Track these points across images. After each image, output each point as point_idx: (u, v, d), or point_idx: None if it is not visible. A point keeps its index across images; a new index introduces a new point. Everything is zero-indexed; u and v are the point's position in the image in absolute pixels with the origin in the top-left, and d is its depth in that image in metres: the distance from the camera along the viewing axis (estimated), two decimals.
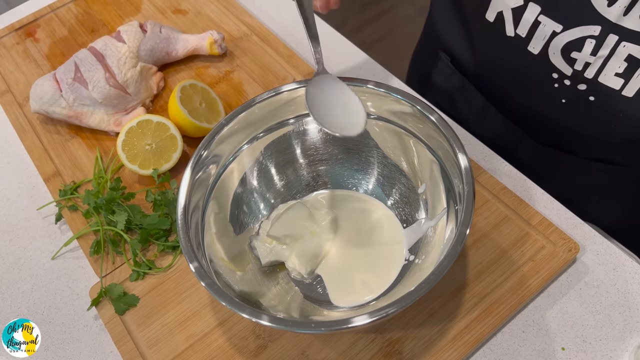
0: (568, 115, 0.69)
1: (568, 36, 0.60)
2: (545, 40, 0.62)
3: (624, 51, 0.57)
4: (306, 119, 0.66)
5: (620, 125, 0.66)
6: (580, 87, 0.64)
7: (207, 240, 0.58)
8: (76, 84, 0.76)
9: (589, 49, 0.59)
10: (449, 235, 0.55)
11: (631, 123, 0.64)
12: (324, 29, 0.90)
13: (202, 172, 0.59)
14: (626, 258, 0.62)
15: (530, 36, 0.64)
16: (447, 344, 0.57)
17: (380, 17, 2.20)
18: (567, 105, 0.67)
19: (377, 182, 0.66)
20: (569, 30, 0.60)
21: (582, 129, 0.69)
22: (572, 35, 0.60)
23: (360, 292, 0.60)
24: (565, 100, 0.67)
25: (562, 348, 0.57)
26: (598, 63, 0.60)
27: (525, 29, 0.64)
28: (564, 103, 0.67)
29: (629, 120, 0.64)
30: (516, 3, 0.63)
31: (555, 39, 0.61)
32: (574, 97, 0.66)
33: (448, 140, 0.56)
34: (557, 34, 0.61)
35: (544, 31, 0.62)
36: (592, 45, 0.59)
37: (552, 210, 0.67)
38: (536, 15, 0.62)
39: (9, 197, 0.76)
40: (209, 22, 0.91)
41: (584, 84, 0.63)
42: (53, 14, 0.96)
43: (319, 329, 0.48)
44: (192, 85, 0.76)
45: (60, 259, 0.69)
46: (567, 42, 0.61)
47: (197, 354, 0.59)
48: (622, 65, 0.59)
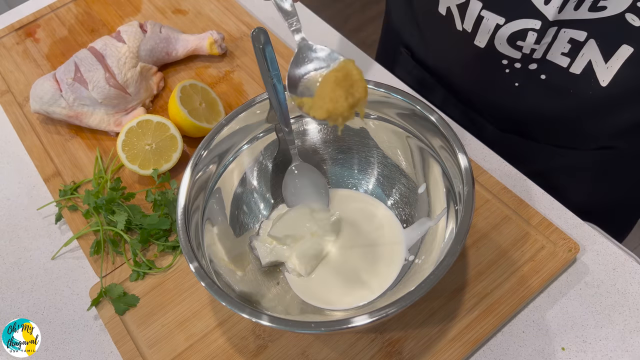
0: (523, 99, 0.72)
1: (511, 28, 0.63)
2: (490, 33, 0.66)
3: (565, 36, 0.61)
4: (306, 118, 0.66)
5: (573, 104, 0.68)
6: (531, 67, 0.67)
7: (207, 241, 0.58)
8: (76, 84, 0.76)
9: (532, 40, 0.63)
10: (449, 235, 0.55)
11: (582, 101, 0.67)
12: (324, 29, 0.90)
13: (202, 172, 0.59)
14: (626, 258, 0.62)
15: (475, 30, 0.67)
16: (447, 344, 0.57)
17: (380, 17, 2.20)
18: (521, 88, 0.70)
19: (377, 182, 0.66)
20: (512, 22, 0.63)
21: (538, 111, 0.72)
22: (515, 26, 0.63)
23: (360, 292, 0.60)
24: (519, 84, 0.70)
25: (562, 348, 0.57)
26: (543, 47, 0.64)
27: (470, 24, 0.67)
28: (517, 87, 0.70)
29: (580, 98, 0.67)
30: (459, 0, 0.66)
31: (500, 30, 0.65)
32: (526, 78, 0.68)
33: (448, 140, 0.56)
34: (501, 26, 0.64)
35: (488, 25, 0.65)
36: (534, 37, 0.63)
37: (552, 210, 0.67)
38: (479, 10, 0.65)
39: (9, 197, 0.76)
40: (209, 22, 0.91)
41: (534, 63, 0.66)
42: (53, 14, 0.96)
43: (319, 329, 0.48)
44: (192, 85, 0.76)
45: (60, 259, 0.69)
46: (511, 33, 0.64)
47: (197, 354, 0.59)
48: (566, 46, 0.62)
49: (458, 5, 0.67)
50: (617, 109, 0.68)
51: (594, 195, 0.81)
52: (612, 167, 0.77)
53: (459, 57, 0.75)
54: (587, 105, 0.68)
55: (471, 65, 0.74)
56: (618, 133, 0.72)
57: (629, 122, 0.70)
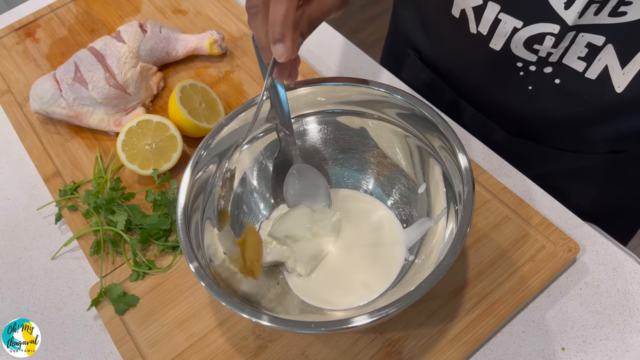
0: (535, 103, 0.71)
1: (529, 31, 0.62)
2: (507, 36, 0.65)
3: (583, 40, 0.61)
4: (306, 118, 0.66)
5: (585, 109, 0.67)
6: (546, 70, 0.66)
7: (207, 241, 0.58)
8: (76, 84, 0.76)
9: (550, 44, 0.62)
10: (449, 235, 0.55)
11: (595, 106, 0.66)
12: (324, 29, 0.90)
13: (202, 172, 0.59)
14: (626, 258, 0.62)
15: (491, 34, 0.66)
16: (447, 344, 0.57)
17: (380, 17, 2.20)
18: (534, 91, 0.69)
19: (377, 182, 0.66)
20: (530, 26, 0.62)
21: (549, 116, 0.71)
22: (532, 30, 0.62)
23: (360, 292, 0.60)
24: (532, 87, 0.69)
25: (562, 348, 0.57)
26: (560, 51, 0.63)
27: (486, 27, 0.66)
28: (530, 90, 0.69)
29: (592, 104, 0.66)
30: (476, 2, 0.65)
31: (517, 34, 0.63)
32: (540, 82, 0.68)
33: (448, 140, 0.56)
34: (518, 29, 0.63)
35: (505, 28, 0.64)
36: (552, 41, 0.62)
37: (552, 210, 0.67)
38: (496, 13, 0.64)
39: (9, 197, 0.76)
40: (209, 22, 0.91)
41: (549, 67, 0.65)
42: (53, 14, 0.96)
43: (319, 329, 0.48)
44: (192, 85, 0.76)
45: (60, 259, 0.69)
46: (528, 37, 0.63)
47: (197, 354, 0.59)
48: (583, 50, 0.61)
49: (474, 8, 0.66)
50: (630, 115, 0.67)
51: (601, 198, 0.80)
52: (621, 171, 0.77)
53: (471, 59, 0.74)
54: (599, 111, 0.67)
55: (484, 68, 0.73)
56: (628, 137, 0.71)
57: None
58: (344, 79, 0.62)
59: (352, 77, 0.61)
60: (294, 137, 0.63)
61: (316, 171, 0.65)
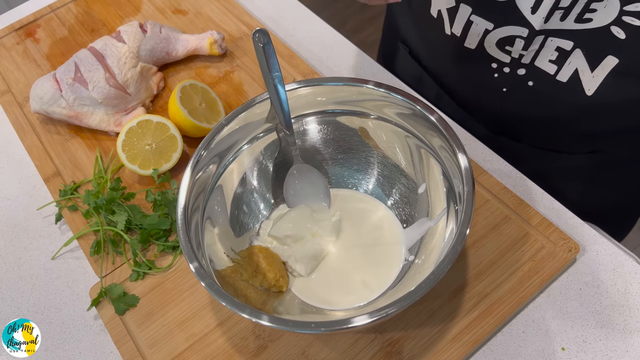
0: (509, 104, 0.73)
1: (500, 33, 0.64)
2: (480, 36, 0.67)
3: (552, 44, 0.62)
4: (306, 118, 0.66)
5: (558, 111, 0.69)
6: (520, 72, 0.67)
7: (207, 240, 0.58)
8: (76, 84, 0.76)
9: (520, 46, 0.64)
10: (449, 235, 0.55)
11: (568, 109, 0.68)
12: (324, 29, 0.90)
13: (202, 172, 0.59)
14: (626, 258, 0.62)
15: (465, 35, 0.68)
16: (447, 344, 0.57)
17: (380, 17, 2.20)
18: (508, 93, 0.71)
19: (377, 182, 0.66)
20: (500, 28, 0.64)
21: (524, 116, 0.73)
22: (503, 32, 0.64)
23: (360, 292, 0.60)
24: (506, 89, 0.71)
25: (562, 348, 0.57)
26: (531, 54, 0.65)
27: (459, 28, 0.68)
28: (504, 92, 0.71)
29: (565, 106, 0.68)
30: (449, 4, 0.67)
31: (489, 35, 0.65)
32: (514, 84, 0.69)
33: (448, 140, 0.56)
34: (490, 31, 0.65)
35: (477, 29, 0.66)
36: (522, 44, 0.64)
37: (552, 210, 0.67)
38: (468, 15, 0.66)
39: (9, 197, 0.76)
40: (209, 22, 0.91)
41: (523, 69, 0.67)
42: (53, 14, 0.96)
43: (319, 329, 0.48)
44: (192, 85, 0.76)
45: (60, 259, 0.69)
46: (499, 38, 0.65)
47: (197, 354, 0.59)
48: (553, 54, 0.63)
49: (448, 9, 0.68)
50: (602, 117, 0.68)
51: (588, 196, 0.81)
52: (603, 170, 0.78)
53: (450, 58, 0.76)
54: (573, 113, 0.68)
55: (462, 67, 0.75)
56: (603, 138, 0.72)
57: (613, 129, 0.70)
58: (344, 79, 0.62)
59: (352, 77, 0.61)
60: (294, 137, 0.63)
61: (316, 171, 0.65)
